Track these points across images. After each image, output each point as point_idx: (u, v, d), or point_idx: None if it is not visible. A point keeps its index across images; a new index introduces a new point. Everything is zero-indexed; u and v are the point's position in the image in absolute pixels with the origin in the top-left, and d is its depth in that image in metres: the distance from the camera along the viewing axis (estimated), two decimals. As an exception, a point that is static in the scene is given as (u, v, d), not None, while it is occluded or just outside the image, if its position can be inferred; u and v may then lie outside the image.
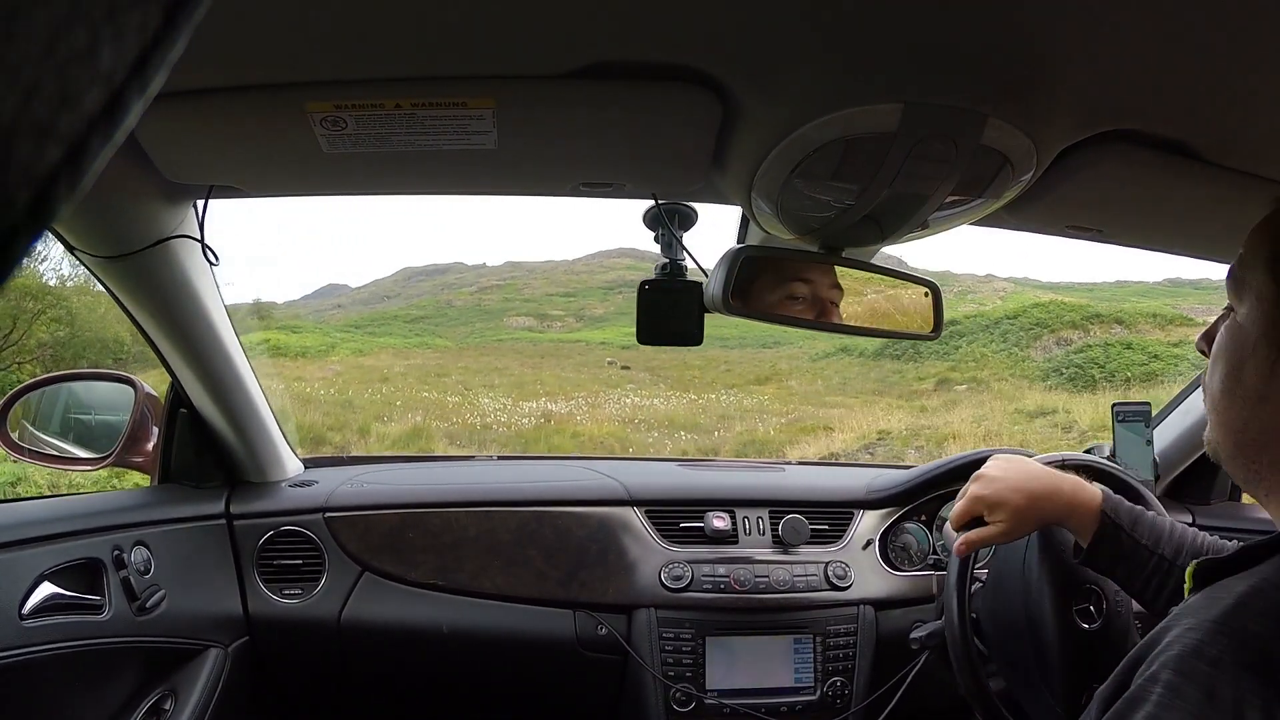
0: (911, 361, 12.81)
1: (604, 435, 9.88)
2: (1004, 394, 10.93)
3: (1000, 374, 11.87)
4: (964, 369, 12.25)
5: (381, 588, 1.22)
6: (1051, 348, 12.23)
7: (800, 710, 1.21)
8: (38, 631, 0.91)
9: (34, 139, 0.12)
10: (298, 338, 14.81)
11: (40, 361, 8.12)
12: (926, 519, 1.36)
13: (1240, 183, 0.70)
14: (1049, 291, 17.36)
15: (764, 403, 11.58)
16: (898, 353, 12.89)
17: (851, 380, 12.91)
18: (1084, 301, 14.21)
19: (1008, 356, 12.40)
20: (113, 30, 0.12)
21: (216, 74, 0.57)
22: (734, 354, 14.63)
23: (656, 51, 0.55)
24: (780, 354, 14.62)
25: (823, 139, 0.58)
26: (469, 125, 0.63)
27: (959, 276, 19.27)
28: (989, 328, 13.26)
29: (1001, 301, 15.48)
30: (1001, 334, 12.99)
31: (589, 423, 10.53)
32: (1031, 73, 0.53)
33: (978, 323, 13.56)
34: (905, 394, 11.83)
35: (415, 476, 1.41)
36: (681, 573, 1.23)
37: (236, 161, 0.74)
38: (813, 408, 11.17)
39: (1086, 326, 12.43)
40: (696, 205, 0.91)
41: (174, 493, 1.22)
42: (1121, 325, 12.29)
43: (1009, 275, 20.36)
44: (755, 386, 12.70)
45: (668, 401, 11.80)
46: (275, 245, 32.86)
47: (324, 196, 0.84)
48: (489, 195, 0.81)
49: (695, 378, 13.17)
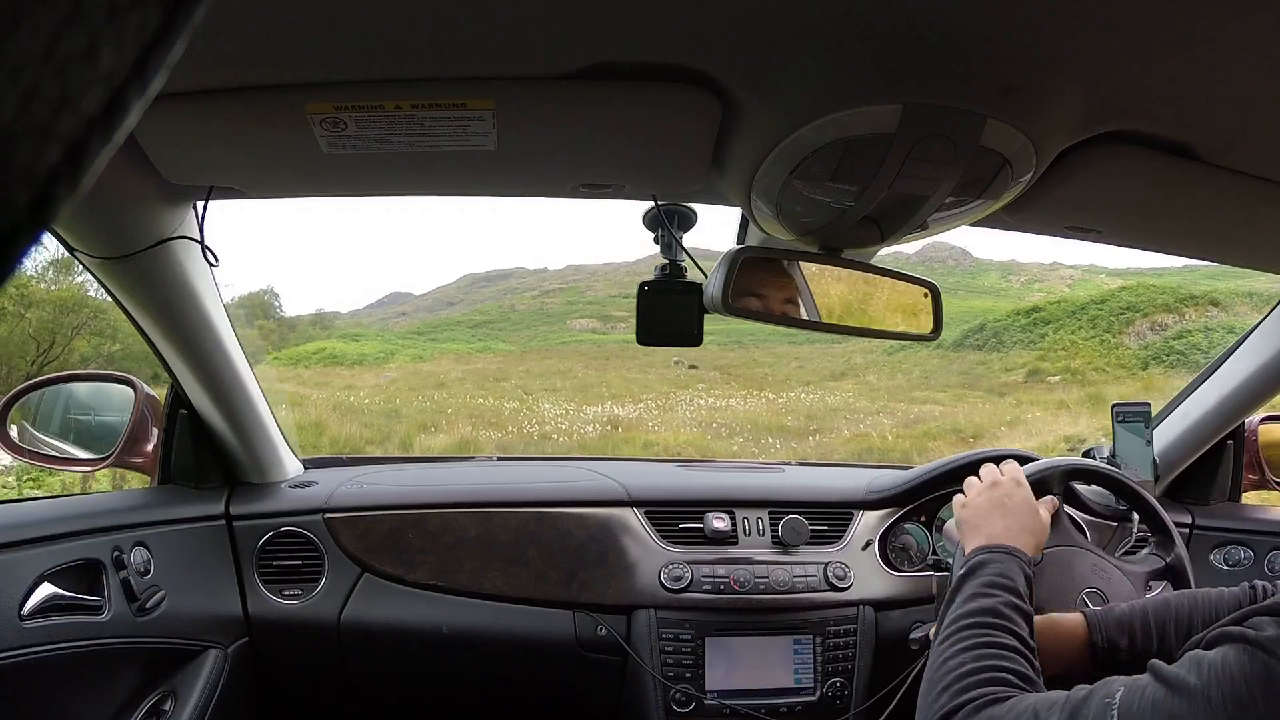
0: (994, 351, 12.03)
1: (681, 444, 8.80)
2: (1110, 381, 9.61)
3: (1094, 363, 11.02)
4: (1054, 358, 11.32)
5: (381, 588, 1.22)
6: (1145, 333, 11.43)
7: (800, 711, 1.21)
8: (38, 632, 0.91)
9: (34, 139, 0.12)
10: (356, 345, 14.55)
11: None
12: (926, 519, 1.36)
13: (1240, 184, 0.70)
14: (1117, 278, 16.56)
15: (848, 400, 10.72)
16: (979, 343, 12.15)
17: (933, 374, 12.13)
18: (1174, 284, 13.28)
19: (1100, 344, 11.58)
20: (113, 31, 0.12)
21: (216, 74, 0.57)
22: (803, 350, 13.98)
23: (656, 52, 0.55)
24: (852, 348, 13.74)
25: (822, 140, 0.58)
26: (469, 126, 0.63)
27: (1025, 265, 18.76)
28: (1075, 314, 12.37)
29: (1069, 289, 14.75)
30: (1090, 320, 12.14)
31: (662, 428, 9.48)
32: (1031, 73, 0.54)
33: (1063, 309, 12.64)
34: (995, 387, 10.95)
35: (415, 477, 1.41)
36: (681, 573, 1.23)
37: (236, 163, 0.74)
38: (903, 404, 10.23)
39: (1180, 310, 11.65)
40: (696, 206, 0.91)
41: (174, 493, 1.22)
42: (1217, 307, 11.53)
43: (1074, 263, 19.90)
44: (831, 383, 11.90)
45: (744, 402, 10.92)
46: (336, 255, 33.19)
47: (324, 198, 0.84)
48: (488, 196, 0.81)
49: (767, 375, 12.36)
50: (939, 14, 0.48)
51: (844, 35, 0.51)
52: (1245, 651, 0.55)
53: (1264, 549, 1.33)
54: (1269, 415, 1.43)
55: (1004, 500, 0.89)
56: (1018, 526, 0.86)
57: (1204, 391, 1.36)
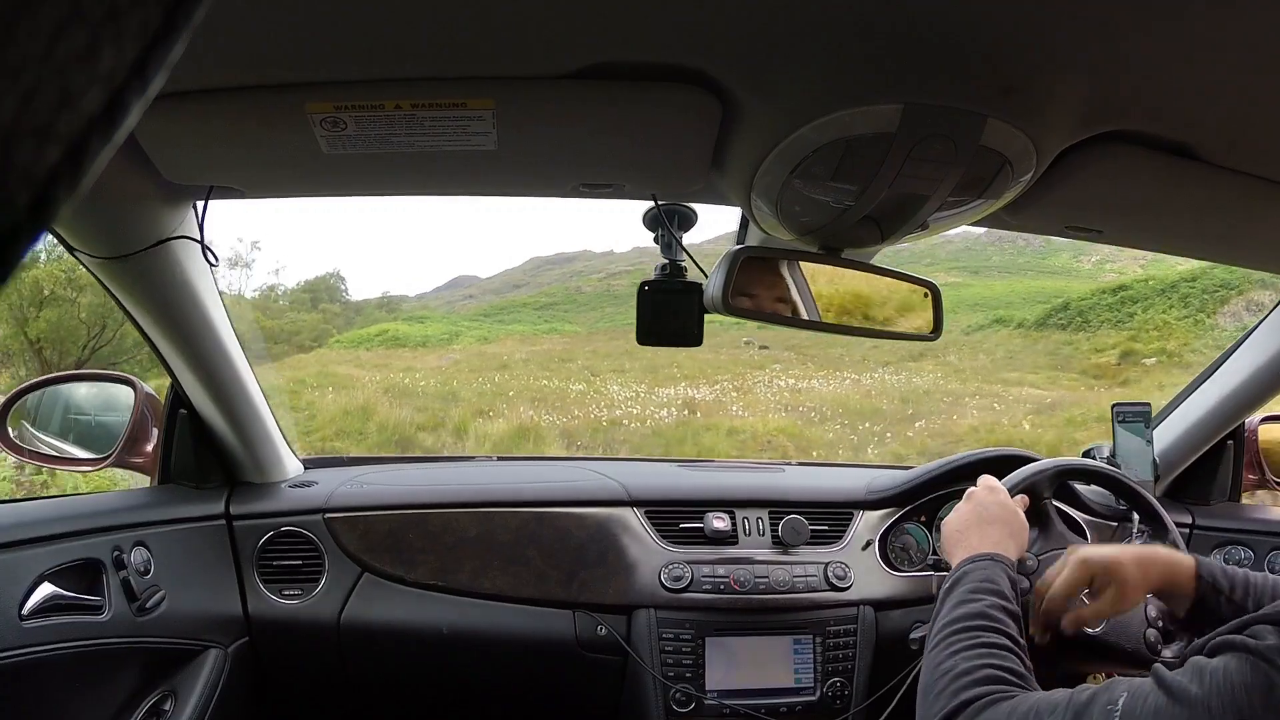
0: (1081, 331, 11.25)
1: (770, 431, 7.51)
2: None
3: (1190, 344, 10.22)
4: (1147, 339, 10.41)
5: (381, 588, 1.22)
6: (1241, 313, 10.48)
7: (800, 711, 1.21)
8: (38, 632, 0.91)
9: (34, 140, 0.12)
10: (420, 327, 14.15)
11: (138, 362, 7.70)
12: (926, 519, 1.36)
13: (1240, 184, 0.70)
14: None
15: (936, 381, 9.70)
16: (1063, 322, 11.40)
17: (1018, 354, 11.21)
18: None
19: (1194, 324, 10.74)
20: (113, 31, 0.12)
21: (216, 74, 0.57)
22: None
23: (656, 52, 0.55)
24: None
25: (822, 140, 0.58)
26: (469, 126, 0.63)
27: (1096, 245, 18.72)
28: (1165, 292, 11.65)
29: (1142, 269, 14.05)
30: (1181, 298, 11.36)
31: (745, 413, 8.26)
32: (1031, 73, 0.53)
33: (1151, 287, 11.95)
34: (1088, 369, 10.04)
35: (415, 477, 1.41)
36: (681, 573, 1.23)
37: (236, 162, 0.74)
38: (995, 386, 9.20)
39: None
40: (696, 206, 0.91)
41: (174, 493, 1.22)
42: (1319, 284, 11.10)
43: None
44: (911, 363, 10.87)
45: (827, 383, 9.87)
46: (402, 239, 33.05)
47: (324, 197, 0.84)
48: (488, 196, 0.81)
49: (842, 355, 11.36)
50: (939, 14, 0.48)
51: (844, 35, 0.51)
52: (1247, 661, 0.55)
53: (1264, 549, 1.33)
54: (1269, 415, 1.43)
55: (980, 512, 0.92)
56: (997, 534, 0.88)
57: (1204, 391, 1.36)
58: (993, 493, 0.95)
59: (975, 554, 0.84)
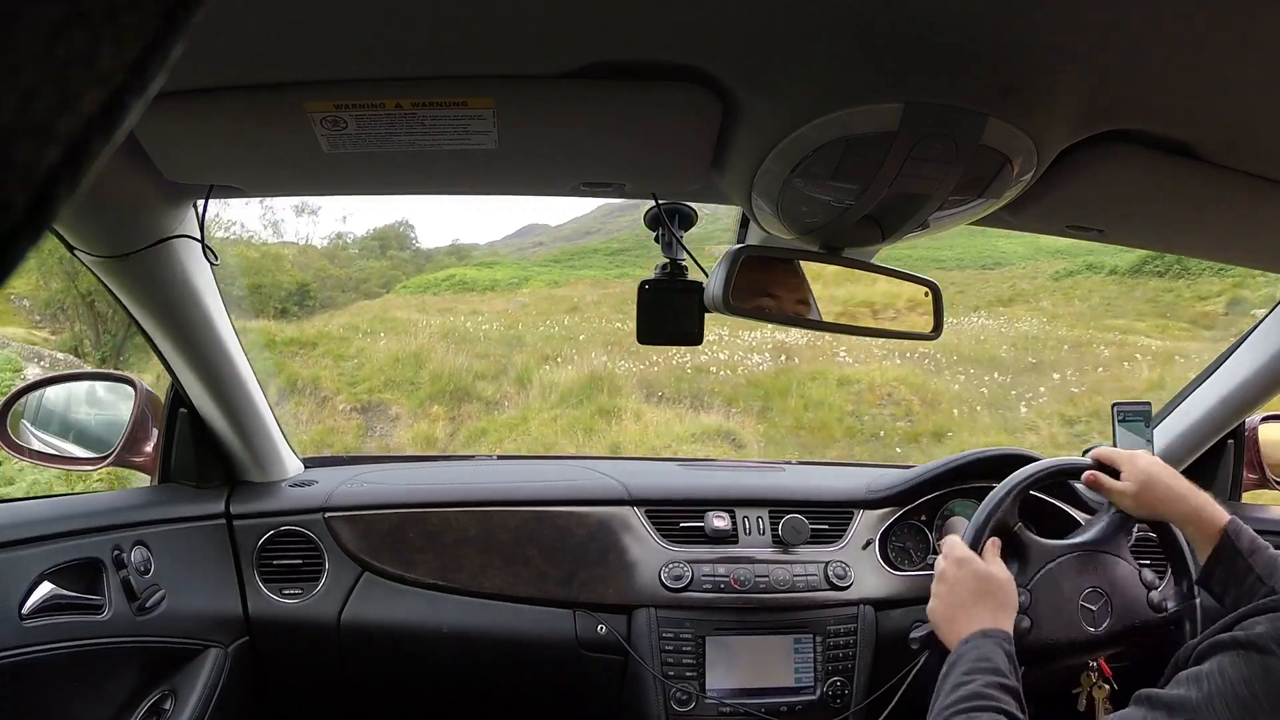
0: (1180, 278, 10.59)
1: (889, 382, 6.58)
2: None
3: None
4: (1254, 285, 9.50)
5: (381, 587, 1.22)
6: None
7: (800, 710, 1.21)
8: (38, 631, 0.91)
9: (33, 140, 0.12)
10: (489, 272, 13.61)
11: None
12: (926, 519, 1.36)
13: (1241, 183, 0.70)
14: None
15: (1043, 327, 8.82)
16: (1160, 269, 10.74)
17: (1115, 300, 10.42)
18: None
19: None
20: (112, 31, 0.12)
21: (216, 74, 0.57)
22: (956, 275, 12.38)
23: (656, 51, 0.55)
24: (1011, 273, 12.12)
25: (823, 139, 0.58)
26: (469, 125, 0.63)
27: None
28: None
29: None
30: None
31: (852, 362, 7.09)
32: (1032, 73, 0.53)
33: None
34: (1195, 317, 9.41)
35: (415, 476, 1.41)
36: (681, 572, 1.23)
37: (236, 161, 0.74)
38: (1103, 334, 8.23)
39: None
40: (696, 205, 0.91)
41: (174, 493, 1.22)
42: None
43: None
44: (1001, 308, 10.18)
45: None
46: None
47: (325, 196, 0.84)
48: (489, 195, 0.81)
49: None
50: (940, 13, 0.48)
51: (845, 34, 0.51)
52: (1240, 655, 0.55)
53: (1264, 548, 1.33)
54: (1269, 415, 1.43)
55: (958, 592, 0.89)
56: (982, 610, 0.86)
57: (1205, 390, 1.36)
58: (961, 565, 0.91)
59: (965, 636, 0.84)
